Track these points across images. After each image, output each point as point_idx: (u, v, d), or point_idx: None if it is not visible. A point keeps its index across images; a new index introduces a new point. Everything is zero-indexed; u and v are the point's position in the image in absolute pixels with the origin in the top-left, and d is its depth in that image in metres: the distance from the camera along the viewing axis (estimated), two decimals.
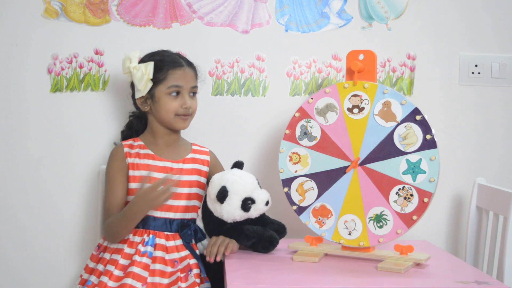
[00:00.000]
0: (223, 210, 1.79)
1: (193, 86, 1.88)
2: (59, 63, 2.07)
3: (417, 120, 1.70)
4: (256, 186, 1.83)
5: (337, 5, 2.13)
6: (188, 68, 1.88)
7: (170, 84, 1.84)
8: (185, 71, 1.86)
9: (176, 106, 1.85)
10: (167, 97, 1.85)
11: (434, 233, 2.16)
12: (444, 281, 1.60)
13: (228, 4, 2.10)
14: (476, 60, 2.16)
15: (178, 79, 1.85)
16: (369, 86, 1.76)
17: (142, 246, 1.79)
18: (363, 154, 1.75)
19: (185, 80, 1.85)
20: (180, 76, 1.85)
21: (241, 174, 1.82)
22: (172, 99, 1.85)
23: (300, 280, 1.58)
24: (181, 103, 1.85)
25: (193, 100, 1.89)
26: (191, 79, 1.88)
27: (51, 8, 2.06)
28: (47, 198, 2.09)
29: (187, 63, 1.88)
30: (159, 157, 1.88)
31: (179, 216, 1.86)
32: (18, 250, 2.09)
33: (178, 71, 1.85)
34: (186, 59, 1.91)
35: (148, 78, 1.84)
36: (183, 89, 1.85)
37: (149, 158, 1.87)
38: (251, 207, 1.79)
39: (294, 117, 1.85)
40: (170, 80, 1.85)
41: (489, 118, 2.18)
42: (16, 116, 2.07)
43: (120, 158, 1.87)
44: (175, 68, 1.85)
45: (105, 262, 1.79)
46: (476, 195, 2.05)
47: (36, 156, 2.08)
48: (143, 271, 1.75)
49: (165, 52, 1.91)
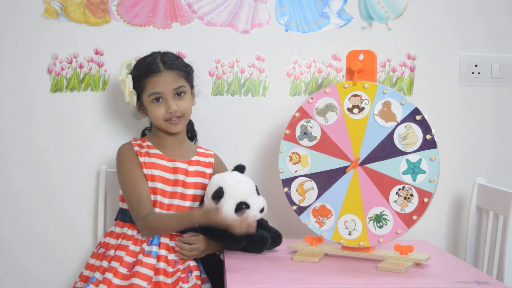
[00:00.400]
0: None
1: (176, 87, 1.85)
2: (59, 63, 2.07)
3: (417, 120, 1.70)
4: (253, 191, 1.82)
5: (337, 5, 2.13)
6: (167, 72, 1.84)
7: (150, 92, 1.85)
8: (163, 75, 1.84)
9: (162, 112, 1.85)
10: (151, 105, 1.86)
11: (434, 233, 2.16)
12: (444, 281, 1.60)
13: (228, 4, 2.10)
14: (476, 60, 2.16)
15: (156, 85, 1.84)
16: (369, 86, 1.76)
17: (147, 245, 1.79)
18: (363, 154, 1.75)
19: (164, 85, 1.84)
20: (157, 82, 1.84)
21: (240, 178, 1.82)
22: (156, 106, 1.85)
23: (300, 280, 1.58)
24: (166, 108, 1.85)
25: (182, 101, 1.87)
26: (171, 82, 1.85)
27: (51, 8, 2.06)
28: (47, 198, 2.09)
29: (166, 67, 1.84)
30: (167, 157, 1.88)
31: None
32: (18, 249, 2.09)
33: (154, 78, 1.84)
34: (169, 61, 1.86)
35: (129, 91, 1.87)
36: (164, 94, 1.84)
37: (158, 158, 1.88)
38: (245, 212, 1.78)
39: (294, 117, 1.85)
40: (148, 88, 1.85)
41: (489, 118, 2.17)
42: (16, 116, 2.07)
43: (133, 156, 1.87)
44: (151, 76, 1.84)
45: (110, 259, 1.80)
46: (476, 195, 2.05)
47: (36, 156, 2.08)
48: (148, 271, 1.75)
49: (145, 59, 1.89)
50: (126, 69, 1.90)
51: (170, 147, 1.91)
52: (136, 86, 1.87)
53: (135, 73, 1.88)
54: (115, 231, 1.87)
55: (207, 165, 1.94)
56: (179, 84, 1.86)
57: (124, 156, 1.88)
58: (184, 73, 1.88)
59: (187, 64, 1.92)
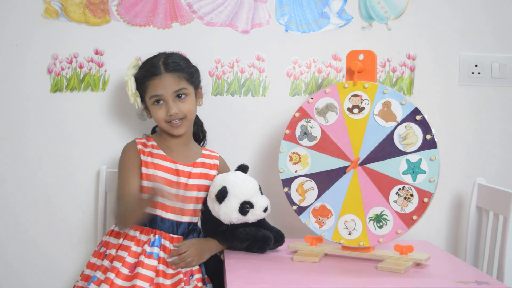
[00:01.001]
0: (220, 210, 1.79)
1: (176, 90, 1.85)
2: (59, 63, 2.07)
3: (417, 120, 1.70)
4: (257, 191, 1.83)
5: (337, 5, 2.13)
6: (168, 74, 1.84)
7: (151, 95, 1.85)
8: (163, 78, 1.84)
9: (163, 114, 1.85)
10: (153, 107, 1.86)
11: (434, 233, 2.16)
12: (444, 281, 1.60)
13: (228, 4, 2.10)
14: (476, 60, 2.16)
15: (157, 88, 1.84)
16: (369, 86, 1.76)
17: (148, 247, 1.79)
18: (363, 154, 1.75)
19: (164, 87, 1.84)
20: (157, 85, 1.84)
21: (243, 178, 1.82)
22: (157, 108, 1.86)
23: (300, 280, 1.58)
24: (166, 111, 1.85)
25: (184, 103, 1.86)
26: (172, 85, 1.84)
27: (51, 8, 2.06)
28: (47, 198, 2.09)
29: (167, 69, 1.84)
30: (170, 158, 1.88)
31: (186, 220, 1.87)
32: (18, 249, 2.09)
33: (155, 81, 1.84)
34: (171, 63, 1.85)
35: (131, 93, 1.88)
36: (165, 96, 1.84)
37: (161, 159, 1.88)
38: (248, 211, 1.79)
39: (294, 117, 1.85)
40: (150, 91, 1.85)
41: (489, 118, 2.17)
42: (16, 116, 2.07)
43: (135, 153, 1.88)
44: (151, 79, 1.84)
45: (111, 258, 1.80)
46: (476, 195, 2.05)
47: (36, 156, 2.08)
48: (150, 272, 1.75)
49: (149, 60, 1.89)
50: (132, 70, 1.90)
51: (174, 149, 1.91)
52: (139, 87, 1.88)
53: (138, 75, 1.89)
54: (116, 230, 1.87)
55: (212, 167, 1.94)
56: (180, 87, 1.85)
57: (124, 155, 1.89)
58: (186, 75, 1.87)
59: (192, 65, 1.92)
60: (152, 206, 1.77)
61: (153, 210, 1.82)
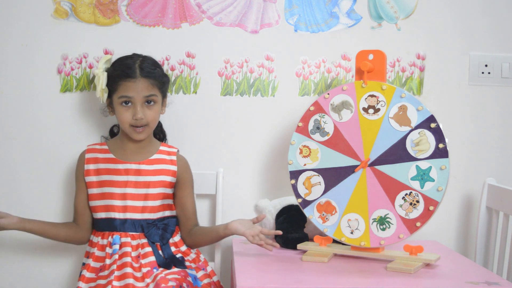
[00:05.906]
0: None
1: (147, 95, 1.85)
2: (69, 63, 2.08)
3: (432, 128, 1.69)
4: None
5: (347, 5, 2.12)
6: (142, 79, 1.84)
7: (121, 95, 1.85)
8: (137, 82, 1.84)
9: (129, 117, 1.86)
10: (120, 107, 1.87)
11: (444, 234, 2.16)
12: (454, 281, 1.60)
13: (237, 4, 2.10)
14: (486, 60, 2.15)
15: (128, 90, 1.84)
16: (387, 88, 1.75)
17: (109, 248, 1.83)
18: (373, 155, 1.75)
19: (136, 91, 1.84)
20: (130, 87, 1.84)
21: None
22: (124, 110, 1.86)
23: (310, 280, 1.59)
24: (133, 114, 1.85)
25: (150, 110, 1.87)
26: (144, 90, 1.85)
27: (61, 8, 2.07)
28: (56, 197, 2.10)
29: (142, 74, 1.85)
30: (120, 160, 1.90)
31: (139, 217, 1.87)
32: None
33: (128, 83, 1.84)
34: (147, 68, 1.86)
35: (101, 88, 1.88)
36: (134, 99, 1.85)
37: (109, 163, 1.90)
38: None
39: (309, 110, 1.85)
40: (120, 91, 1.86)
41: (500, 118, 2.17)
42: (27, 116, 2.08)
43: (80, 164, 1.94)
44: (125, 80, 1.85)
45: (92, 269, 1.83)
46: (486, 195, 2.04)
47: (46, 156, 2.09)
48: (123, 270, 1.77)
49: (124, 60, 1.89)
50: (104, 65, 1.91)
51: (127, 149, 1.92)
52: (109, 84, 1.88)
53: (111, 72, 1.89)
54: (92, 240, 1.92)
55: (170, 163, 1.94)
56: (151, 93, 1.86)
57: (76, 166, 1.97)
58: (159, 83, 1.88)
59: (165, 74, 1.94)
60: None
61: (108, 214, 1.86)
